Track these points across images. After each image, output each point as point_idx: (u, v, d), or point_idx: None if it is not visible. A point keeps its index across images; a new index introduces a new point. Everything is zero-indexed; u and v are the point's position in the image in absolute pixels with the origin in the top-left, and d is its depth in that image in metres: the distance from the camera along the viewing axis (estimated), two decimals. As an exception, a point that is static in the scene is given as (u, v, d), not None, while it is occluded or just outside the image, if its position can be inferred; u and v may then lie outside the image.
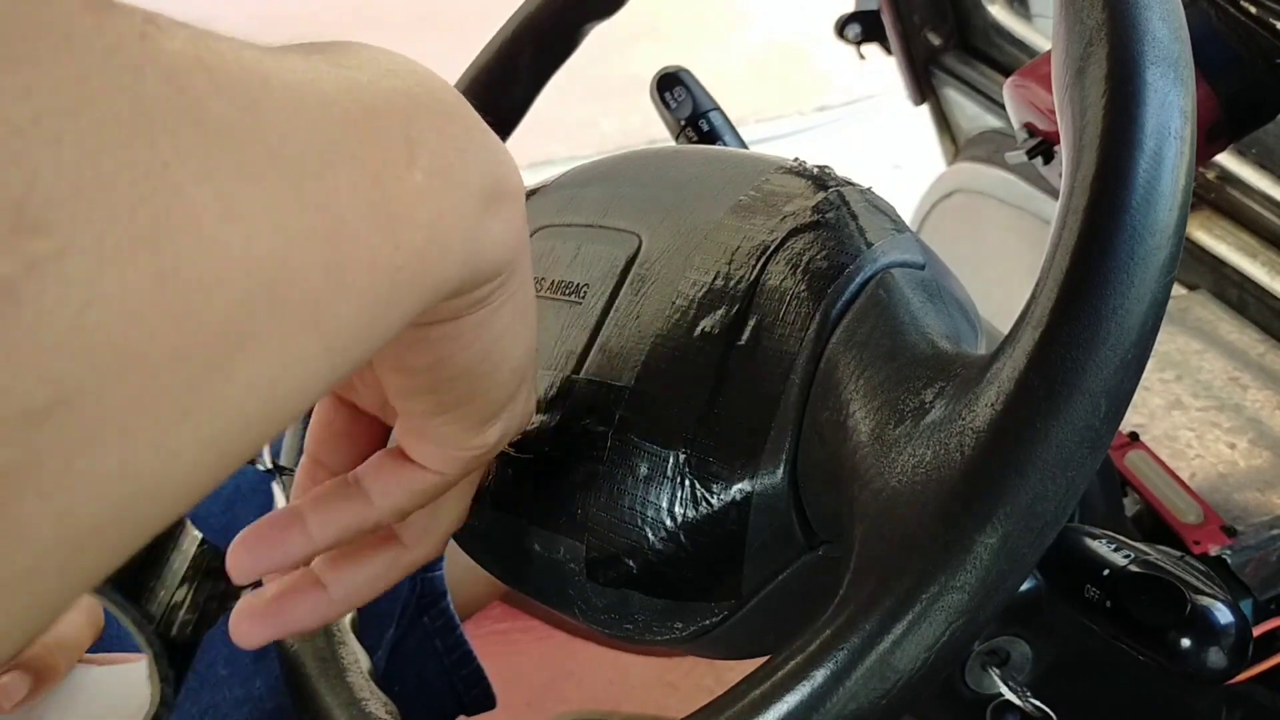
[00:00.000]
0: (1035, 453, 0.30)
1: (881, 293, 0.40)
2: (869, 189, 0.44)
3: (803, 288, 0.41)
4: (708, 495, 0.40)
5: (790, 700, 0.31)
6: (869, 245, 0.41)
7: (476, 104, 0.30)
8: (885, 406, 0.36)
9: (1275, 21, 0.54)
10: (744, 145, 0.64)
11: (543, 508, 0.44)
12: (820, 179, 0.44)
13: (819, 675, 0.31)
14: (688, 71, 0.66)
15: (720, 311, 0.42)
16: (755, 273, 0.42)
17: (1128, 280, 0.31)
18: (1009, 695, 0.48)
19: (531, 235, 0.50)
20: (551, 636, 1.33)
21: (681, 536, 0.40)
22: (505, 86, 0.58)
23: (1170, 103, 0.33)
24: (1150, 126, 0.32)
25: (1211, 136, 0.57)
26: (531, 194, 0.53)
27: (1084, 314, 0.31)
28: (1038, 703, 0.47)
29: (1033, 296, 0.32)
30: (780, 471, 0.39)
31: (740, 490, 0.40)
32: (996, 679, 0.48)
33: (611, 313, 0.45)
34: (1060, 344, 0.31)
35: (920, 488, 0.32)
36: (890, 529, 0.32)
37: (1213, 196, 0.87)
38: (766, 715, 0.31)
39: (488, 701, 0.73)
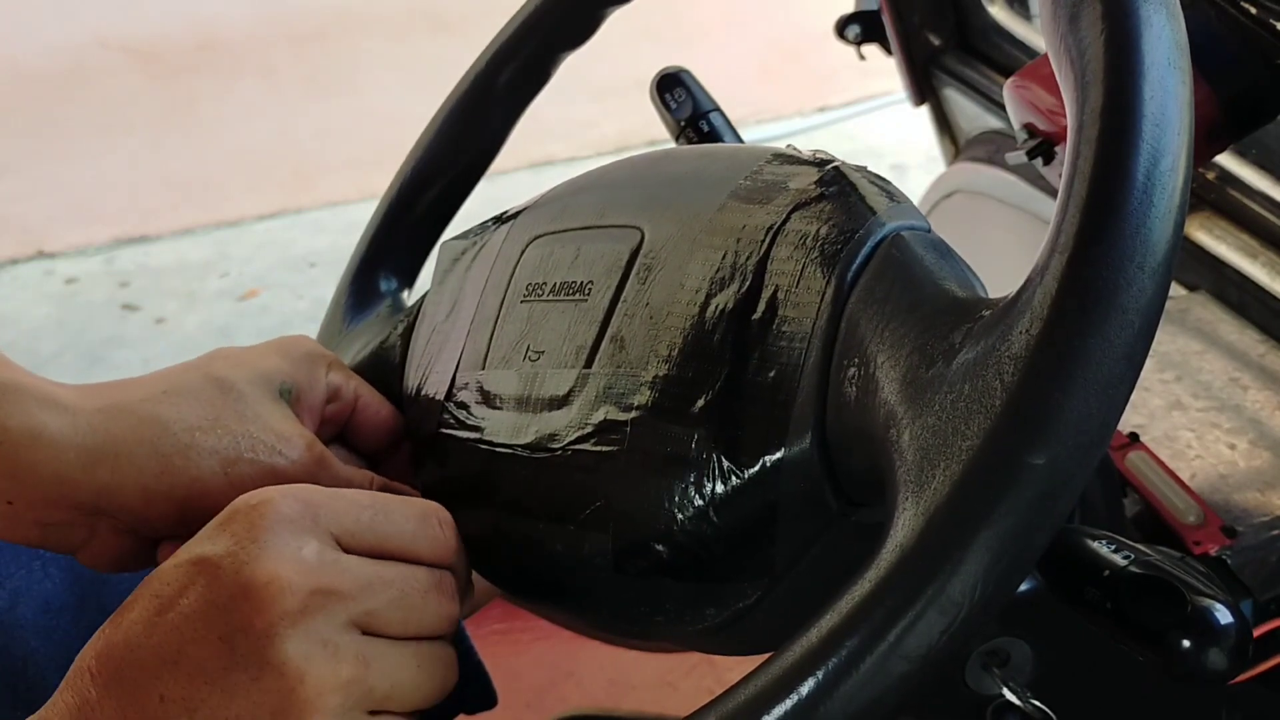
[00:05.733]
0: (1077, 371, 0.31)
1: (895, 252, 0.40)
2: (864, 167, 0.45)
3: (815, 256, 0.41)
4: (736, 468, 0.40)
5: (856, 638, 0.30)
6: (874, 213, 0.42)
7: (455, 133, 0.31)
8: (915, 353, 0.36)
9: (1275, 22, 0.54)
10: (744, 145, 0.64)
11: (563, 505, 0.43)
12: (816, 160, 0.45)
13: (880, 611, 0.31)
14: (688, 72, 0.66)
15: (733, 288, 0.42)
16: (765, 248, 0.42)
17: (1146, 200, 0.31)
18: (1009, 696, 0.48)
19: (527, 246, 0.50)
20: (551, 636, 1.32)
21: (712, 514, 0.40)
22: (483, 116, 0.61)
23: (1167, 36, 0.34)
24: (1151, 58, 0.33)
25: (1211, 137, 0.57)
26: (520, 212, 0.53)
27: (1108, 234, 0.31)
28: (1038, 703, 0.47)
29: (1055, 227, 0.33)
30: (809, 436, 0.39)
31: (769, 460, 0.40)
32: (997, 679, 0.48)
33: (620, 304, 0.45)
34: (1089, 264, 0.31)
35: (963, 420, 0.32)
36: (935, 462, 0.33)
37: (1213, 197, 0.87)
38: (853, 639, 0.31)
39: (488, 699, 0.72)
